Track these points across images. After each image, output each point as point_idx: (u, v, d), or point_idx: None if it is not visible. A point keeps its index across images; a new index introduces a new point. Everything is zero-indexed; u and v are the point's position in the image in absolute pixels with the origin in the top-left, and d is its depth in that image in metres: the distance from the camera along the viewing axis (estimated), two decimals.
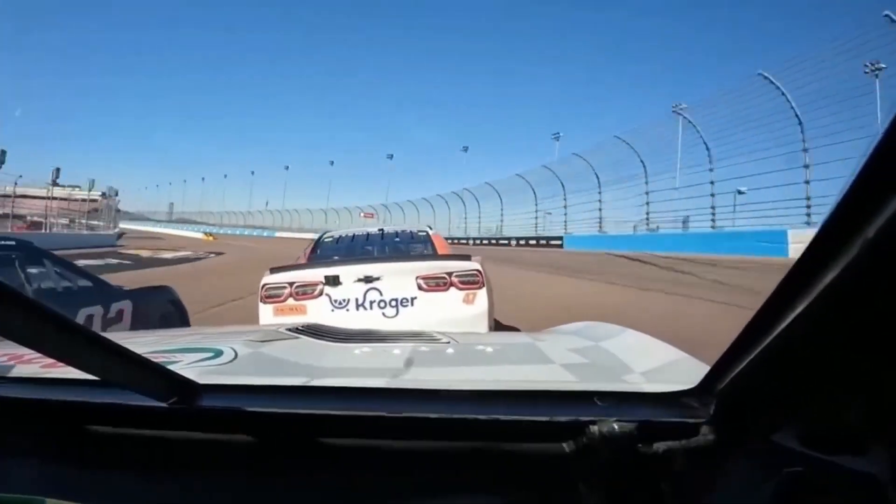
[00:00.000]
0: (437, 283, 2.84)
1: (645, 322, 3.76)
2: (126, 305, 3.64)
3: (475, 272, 2.88)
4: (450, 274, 2.85)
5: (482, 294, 2.84)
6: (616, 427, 0.57)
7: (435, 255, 3.37)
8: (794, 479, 0.49)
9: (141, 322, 3.69)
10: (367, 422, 0.64)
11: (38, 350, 0.53)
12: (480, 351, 1.08)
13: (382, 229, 4.30)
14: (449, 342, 1.16)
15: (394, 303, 2.83)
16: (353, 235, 4.16)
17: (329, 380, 0.77)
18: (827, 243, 0.34)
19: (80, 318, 3.15)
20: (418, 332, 1.32)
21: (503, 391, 0.69)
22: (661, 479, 0.60)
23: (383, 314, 2.81)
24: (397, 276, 2.83)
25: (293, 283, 2.84)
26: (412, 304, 2.83)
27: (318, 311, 2.80)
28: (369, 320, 2.75)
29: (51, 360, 0.61)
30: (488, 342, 1.15)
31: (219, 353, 0.92)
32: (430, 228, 4.26)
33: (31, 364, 0.84)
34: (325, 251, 3.73)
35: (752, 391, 0.52)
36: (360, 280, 2.82)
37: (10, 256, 3.06)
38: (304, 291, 2.85)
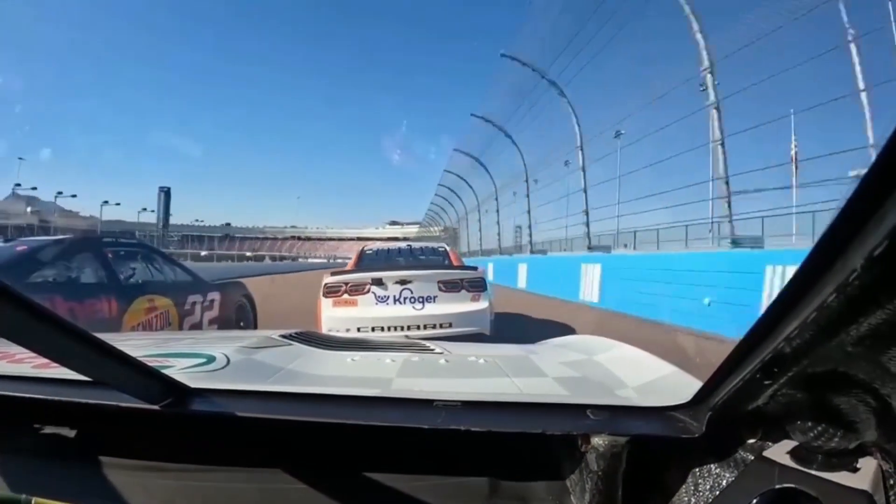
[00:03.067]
0: (452, 287, 3.93)
1: None
2: (216, 296, 4.42)
3: (480, 279, 4.02)
4: (462, 280, 3.97)
5: (485, 295, 3.97)
6: (608, 441, 0.57)
7: (451, 266, 4.57)
8: (786, 494, 0.49)
9: (225, 309, 4.57)
10: (358, 430, 0.63)
11: (33, 349, 0.52)
12: (473, 362, 1.08)
13: (410, 245, 5.64)
14: (442, 353, 1.16)
15: (421, 299, 3.89)
16: (388, 249, 5.47)
17: (320, 387, 0.77)
18: (823, 258, 0.33)
19: (188, 304, 4.04)
20: (411, 342, 1.35)
21: (496, 402, 0.69)
22: (653, 494, 0.60)
23: (413, 307, 3.86)
24: (424, 281, 3.90)
25: (347, 282, 3.89)
26: (434, 301, 3.89)
27: (366, 304, 3.86)
28: (403, 311, 3.84)
29: (43, 360, 0.61)
30: (481, 354, 1.15)
31: (211, 359, 0.92)
32: (447, 246, 5.57)
33: (23, 363, 0.83)
34: (368, 260, 4.97)
35: (744, 407, 0.52)
36: (397, 282, 3.87)
37: (138, 253, 4.00)
38: (356, 289, 3.88)
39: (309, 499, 0.64)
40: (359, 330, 3.86)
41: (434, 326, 3.87)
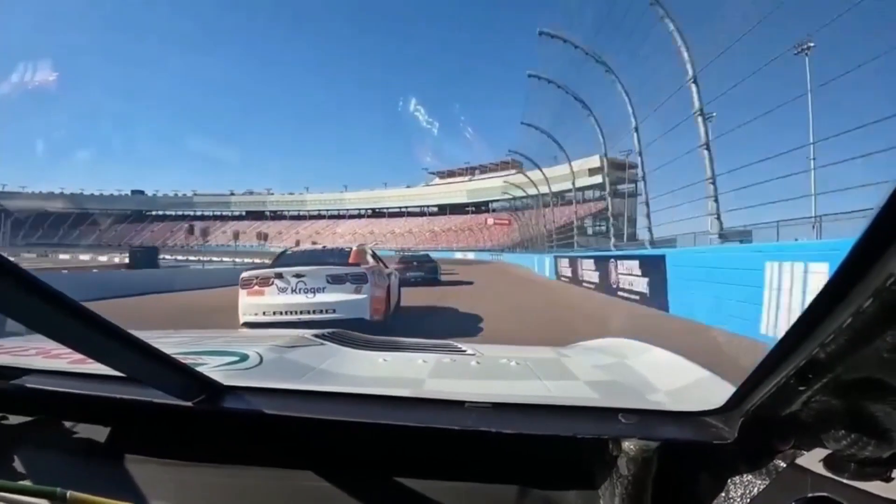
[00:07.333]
0: (338, 280, 5.11)
1: None
2: None
3: (362, 274, 5.16)
4: (346, 274, 5.16)
5: (366, 287, 5.10)
6: (639, 445, 0.57)
7: (339, 264, 5.50)
8: (818, 503, 0.48)
9: None
10: (389, 430, 0.65)
11: (70, 346, 0.55)
12: (504, 364, 1.08)
13: (325, 246, 7.28)
14: (473, 354, 1.16)
15: (312, 290, 5.06)
16: (304, 250, 7.05)
17: (352, 387, 0.78)
18: (859, 263, 0.33)
19: None
20: (444, 342, 1.33)
21: (528, 405, 0.69)
22: (684, 500, 0.60)
23: (305, 296, 5.03)
24: (315, 275, 5.12)
25: (257, 276, 5.20)
26: (323, 291, 5.06)
27: (270, 293, 5.06)
28: (298, 299, 5.00)
29: (79, 356, 0.63)
30: (513, 356, 1.14)
31: (244, 357, 0.94)
32: (361, 245, 6.85)
33: (59, 359, 0.86)
34: (285, 259, 6.06)
35: (777, 413, 0.52)
36: (294, 276, 5.09)
37: None
38: (263, 281, 5.14)
39: (337, 500, 0.63)
40: (264, 314, 4.97)
41: (321, 312, 4.92)
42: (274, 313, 4.95)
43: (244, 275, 5.20)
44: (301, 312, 4.92)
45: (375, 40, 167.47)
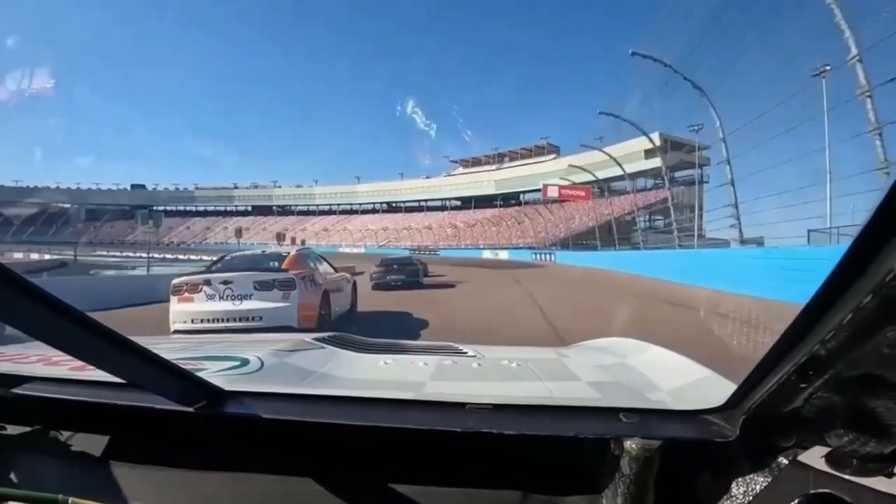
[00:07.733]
0: (265, 286, 4.94)
1: None
2: None
3: (290, 280, 5.03)
4: (273, 280, 4.99)
5: (294, 294, 4.95)
6: (641, 444, 0.57)
7: (267, 269, 5.39)
8: (821, 500, 0.48)
9: None
10: (390, 433, 0.65)
11: (70, 353, 0.55)
12: (505, 366, 1.09)
13: (265, 250, 6.97)
14: (475, 356, 1.16)
15: (239, 296, 4.90)
16: (243, 254, 6.75)
17: (353, 390, 0.78)
18: (858, 259, 0.33)
19: None
20: (445, 344, 1.33)
21: (529, 406, 0.70)
22: (686, 498, 0.60)
23: (232, 303, 4.88)
24: (242, 281, 4.97)
25: (188, 283, 5.08)
26: (250, 298, 4.89)
27: (199, 300, 4.93)
28: (224, 306, 4.85)
29: (79, 363, 0.63)
30: (514, 357, 1.14)
31: (245, 362, 0.94)
32: (301, 249, 6.76)
33: (60, 366, 0.86)
34: (222, 264, 5.87)
35: (778, 410, 0.52)
36: (222, 283, 4.95)
37: None
38: (193, 288, 5.01)
39: (341, 499, 0.63)
40: (192, 321, 4.81)
41: (248, 319, 4.75)
42: (202, 321, 4.79)
43: (175, 281, 5.13)
44: (228, 320, 4.75)
45: (389, 25, 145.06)
